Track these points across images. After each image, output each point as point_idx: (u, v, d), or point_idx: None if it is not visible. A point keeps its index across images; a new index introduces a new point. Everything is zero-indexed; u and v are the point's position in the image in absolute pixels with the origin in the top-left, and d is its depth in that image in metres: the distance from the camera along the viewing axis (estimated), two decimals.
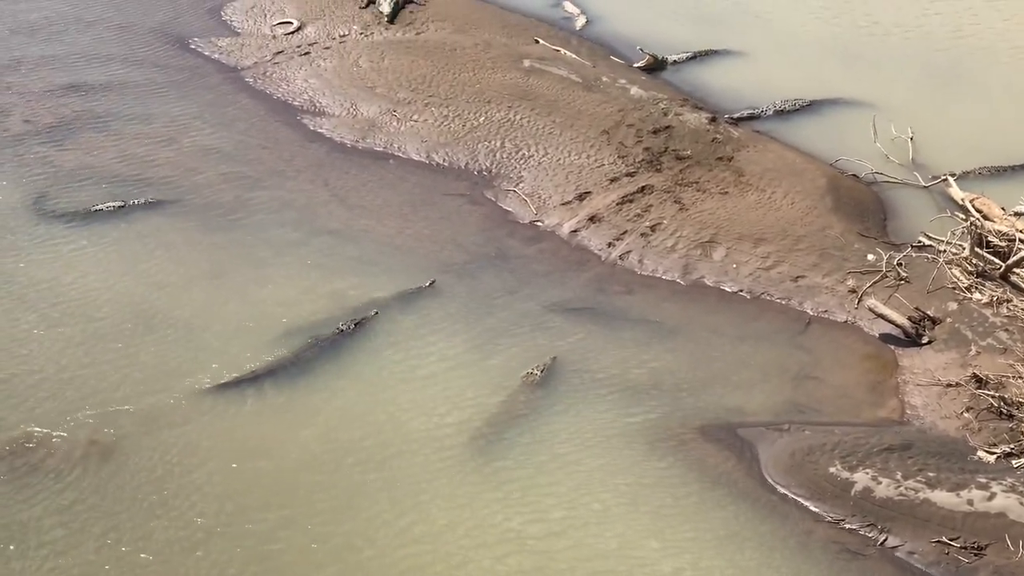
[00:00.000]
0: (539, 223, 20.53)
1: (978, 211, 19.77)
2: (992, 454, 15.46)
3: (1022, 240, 18.42)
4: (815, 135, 23.27)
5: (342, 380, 16.72)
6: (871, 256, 19.13)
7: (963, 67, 25.69)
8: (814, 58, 26.28)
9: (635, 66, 25.75)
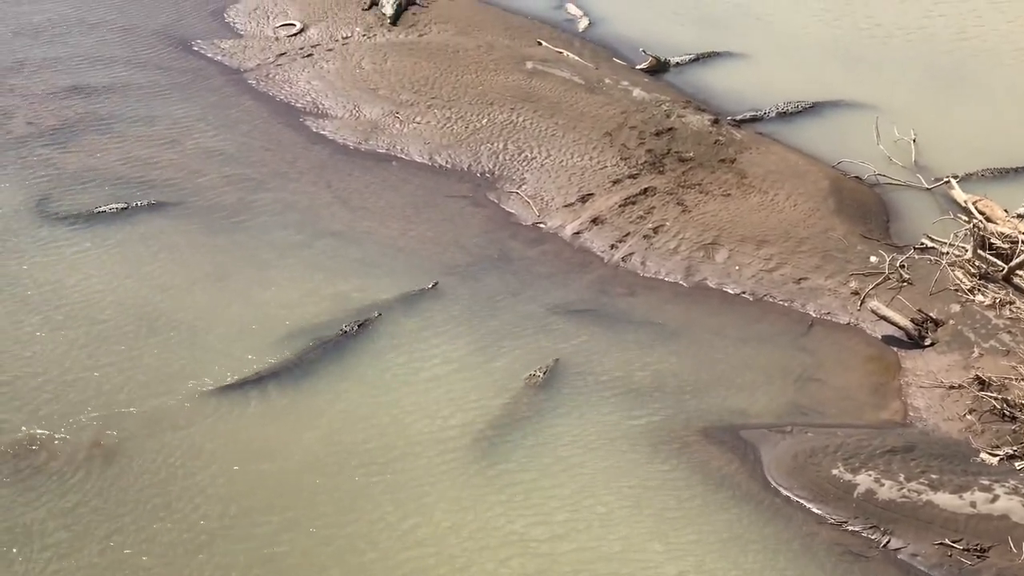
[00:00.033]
0: (542, 225, 20.54)
1: (981, 213, 19.76)
2: (995, 456, 15.45)
3: None
4: (818, 137, 23.25)
5: (345, 382, 16.74)
6: (874, 258, 19.09)
7: (966, 69, 25.67)
8: (817, 60, 26.27)
9: (638, 68, 25.74)
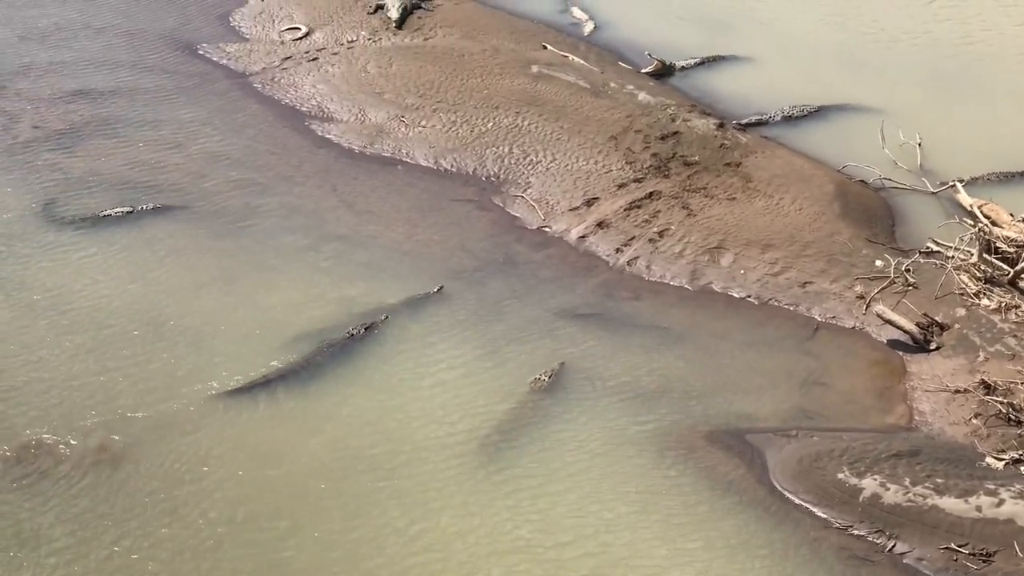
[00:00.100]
0: (547, 229, 20.55)
1: (986, 217, 19.74)
2: (1000, 460, 15.44)
3: None
4: (823, 141, 23.22)
5: (351, 387, 16.73)
6: (879, 262, 19.10)
7: (972, 73, 25.62)
8: (822, 64, 26.23)
9: (643, 72, 25.71)
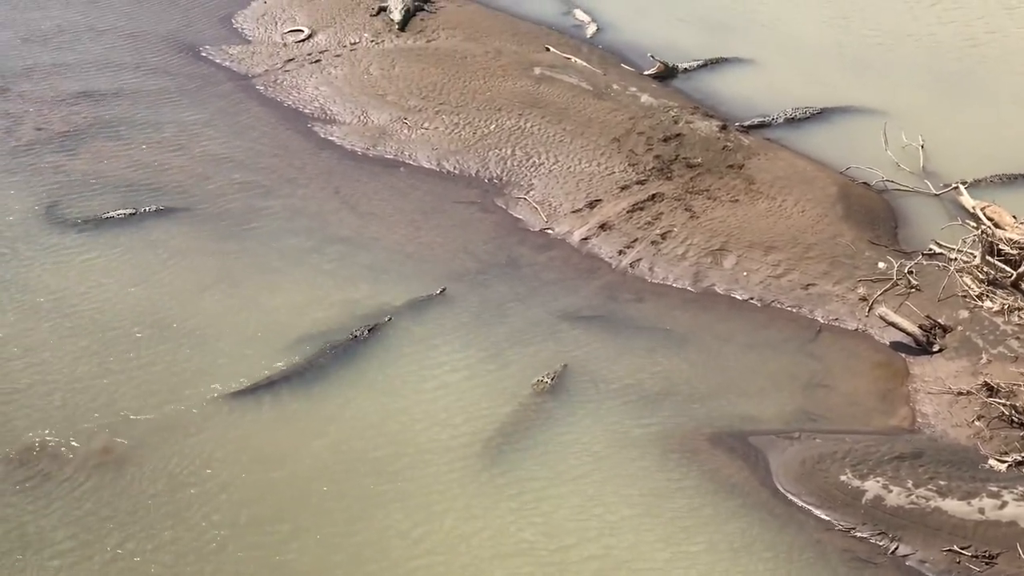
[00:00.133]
0: (550, 231, 20.54)
1: (989, 219, 19.70)
2: (1003, 463, 15.44)
3: None
4: (826, 143, 23.20)
5: (355, 389, 16.73)
6: (882, 264, 19.11)
7: (975, 75, 25.59)
8: (825, 66, 26.22)
9: (646, 74, 25.70)
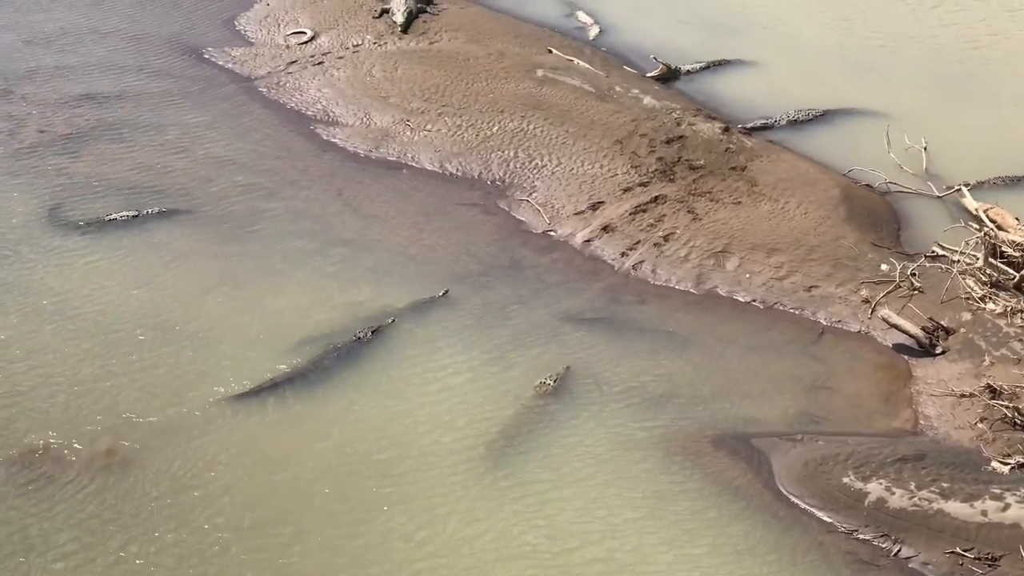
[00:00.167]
0: (552, 233, 20.55)
1: (992, 221, 19.70)
2: (1006, 465, 15.43)
3: None
4: (828, 145, 23.20)
5: (357, 391, 16.73)
6: (885, 266, 19.11)
7: (978, 77, 25.59)
8: (827, 68, 26.22)
9: (648, 76, 25.71)
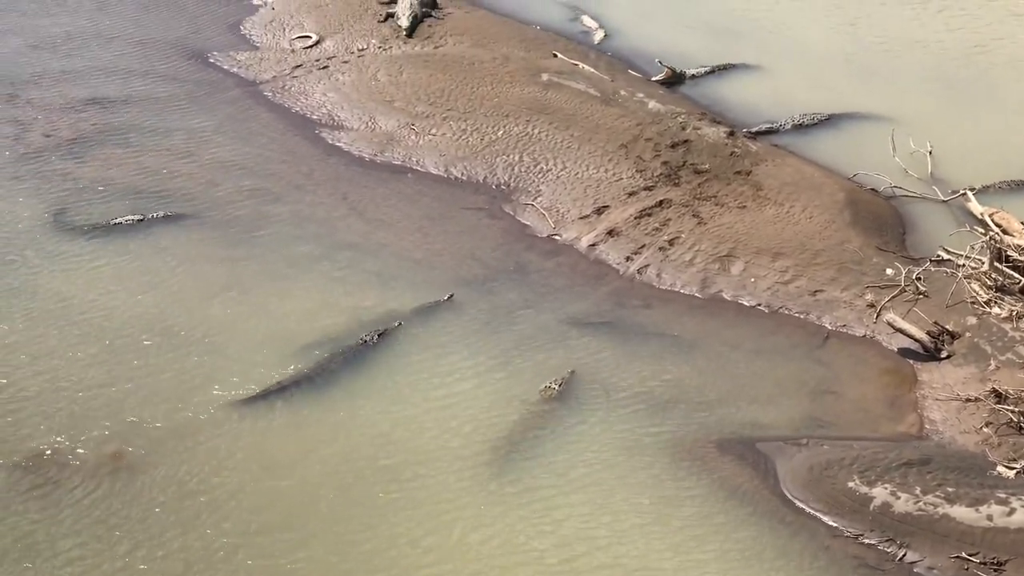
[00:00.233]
0: (557, 237, 20.56)
1: (997, 225, 19.73)
2: (1012, 469, 15.42)
3: None
4: (833, 149, 23.24)
5: (363, 396, 16.72)
6: (890, 270, 19.10)
7: (983, 81, 25.62)
8: (832, 72, 26.26)
9: (653, 80, 25.75)
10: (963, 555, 14.40)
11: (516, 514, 15.00)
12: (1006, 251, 18.75)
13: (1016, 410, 16.16)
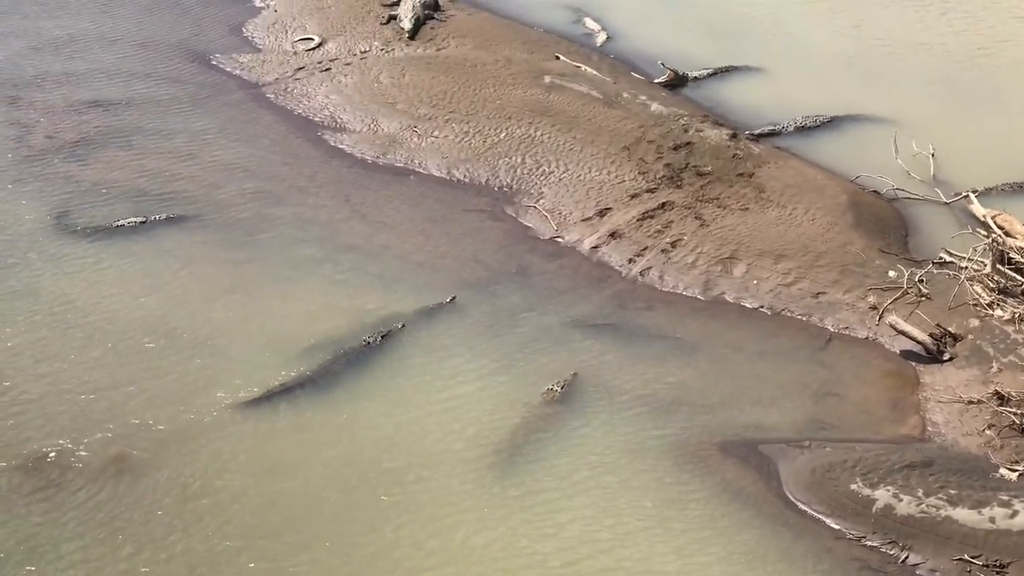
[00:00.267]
0: (560, 239, 20.56)
1: (1000, 228, 19.73)
2: (1014, 471, 15.43)
3: None
4: (836, 151, 23.21)
5: (365, 398, 16.74)
6: (892, 272, 19.09)
7: (986, 83, 25.59)
8: (835, 74, 26.23)
9: (656, 82, 25.72)
10: (966, 557, 14.41)
11: (519, 517, 15.01)
12: (1008, 253, 18.75)
13: (1018, 412, 16.15)
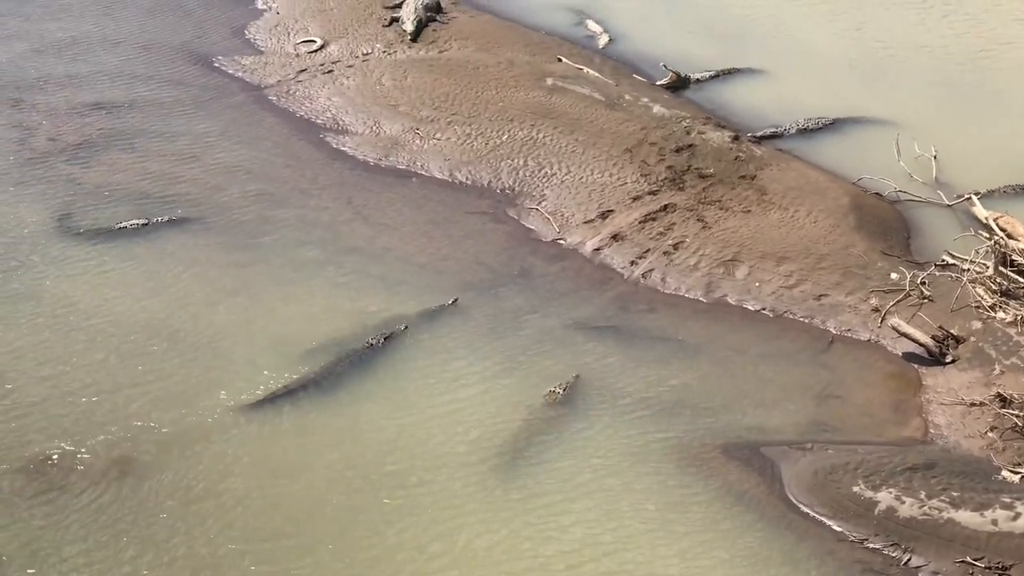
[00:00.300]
0: (562, 241, 20.57)
1: (1002, 230, 19.71)
2: (1017, 474, 15.42)
3: None
4: (838, 153, 23.20)
5: (368, 400, 16.75)
6: (894, 275, 19.10)
7: (988, 85, 25.59)
8: (837, 77, 26.22)
9: (658, 84, 25.71)
10: (968, 560, 14.40)
11: (522, 520, 15.01)
12: (1011, 255, 18.75)
13: (1021, 414, 16.15)
